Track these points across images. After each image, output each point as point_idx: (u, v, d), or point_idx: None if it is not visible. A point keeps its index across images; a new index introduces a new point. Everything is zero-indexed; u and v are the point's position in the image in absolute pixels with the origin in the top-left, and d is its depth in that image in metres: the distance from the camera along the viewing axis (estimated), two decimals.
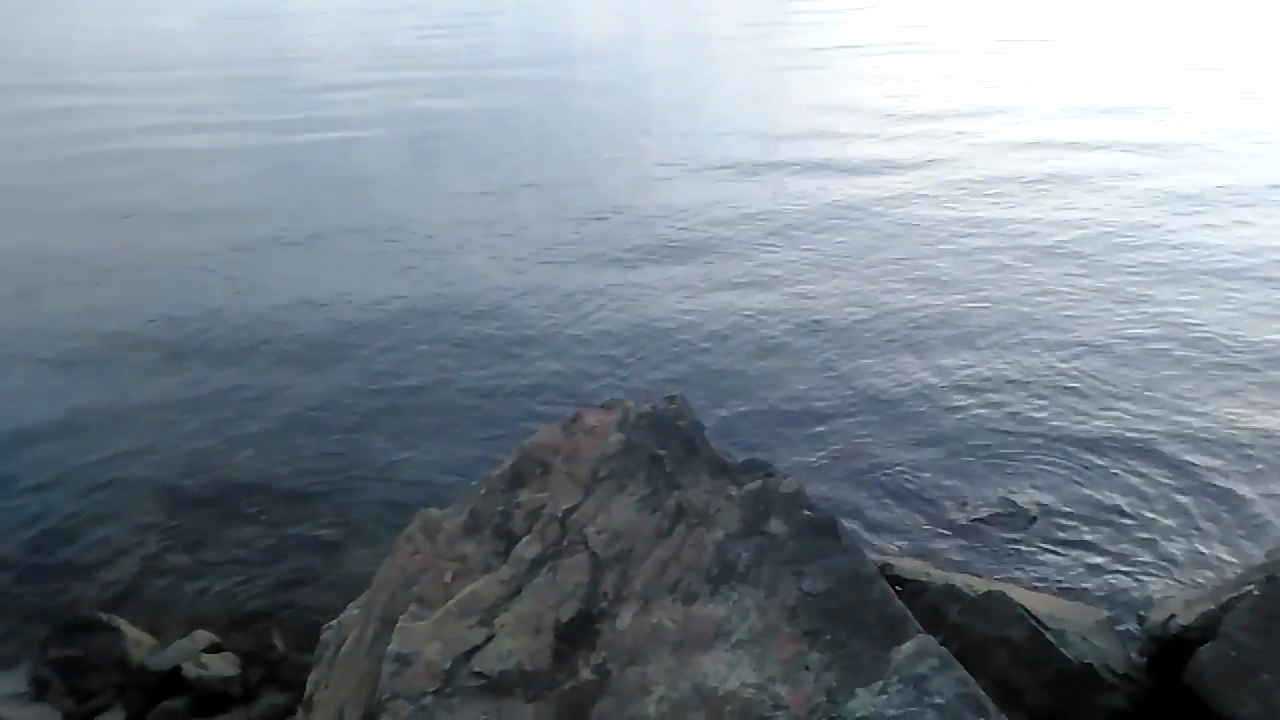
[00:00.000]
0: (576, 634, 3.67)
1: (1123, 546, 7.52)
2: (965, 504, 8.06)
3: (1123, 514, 7.88)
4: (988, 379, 10.12)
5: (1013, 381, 10.02)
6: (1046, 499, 8.11)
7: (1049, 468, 8.53)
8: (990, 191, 16.61)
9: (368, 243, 15.00)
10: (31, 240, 15.32)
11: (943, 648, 3.28)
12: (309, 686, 4.63)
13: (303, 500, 8.62)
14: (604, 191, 17.47)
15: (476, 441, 9.29)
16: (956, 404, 9.66)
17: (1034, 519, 7.89)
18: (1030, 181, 17.08)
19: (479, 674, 3.54)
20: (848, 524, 4.58)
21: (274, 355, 11.33)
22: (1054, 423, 9.23)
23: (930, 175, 17.76)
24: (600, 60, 32.08)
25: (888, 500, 8.12)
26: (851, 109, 23.53)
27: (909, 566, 6.22)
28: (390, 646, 3.71)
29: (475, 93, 26.46)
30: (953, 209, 15.81)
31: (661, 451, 4.22)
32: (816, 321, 11.68)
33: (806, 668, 3.30)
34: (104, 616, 7.02)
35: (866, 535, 7.54)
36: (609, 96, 25.82)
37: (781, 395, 9.93)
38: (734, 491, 3.94)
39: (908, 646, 3.29)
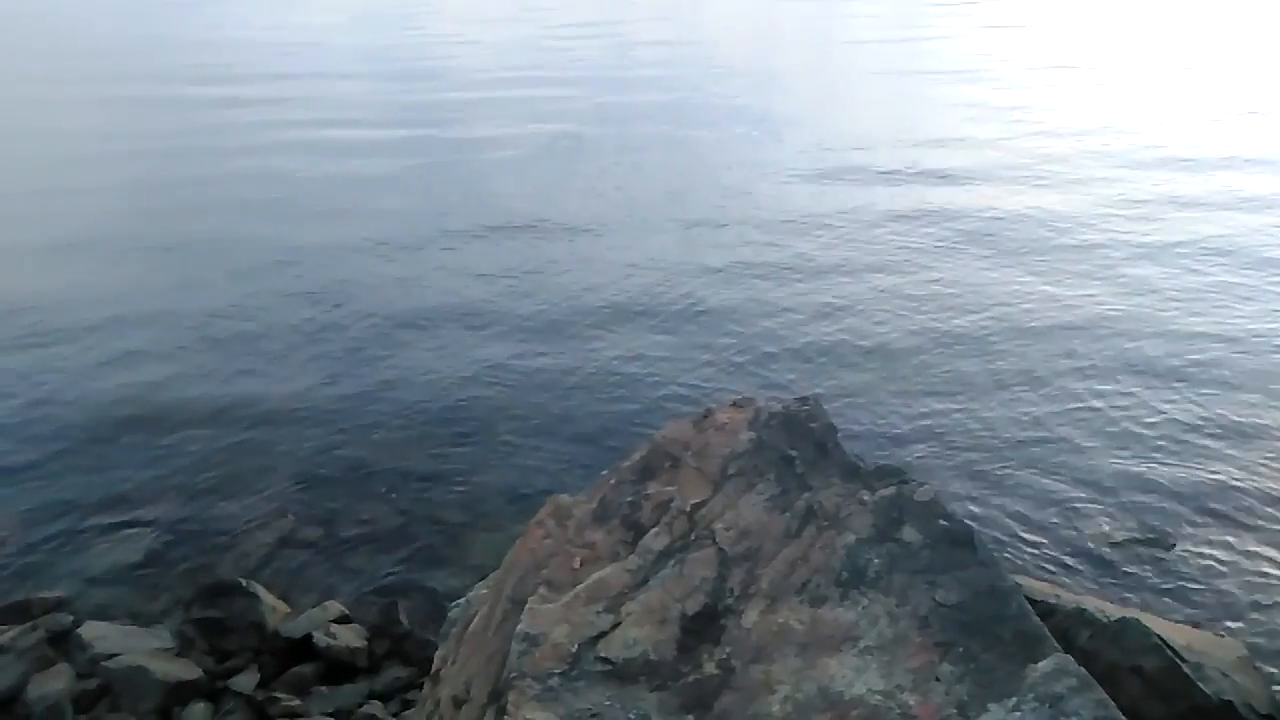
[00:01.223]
0: (701, 628, 3.68)
1: (1268, 580, 7.13)
2: (1101, 525, 7.77)
3: (1269, 546, 7.47)
4: (1133, 398, 9.73)
5: (1159, 403, 9.61)
6: (1188, 525, 7.75)
7: (1192, 494, 8.15)
8: (1138, 216, 15.94)
9: (498, 243, 15.31)
10: (184, 238, 16.05)
11: (1081, 668, 3.18)
12: (436, 661, 4.76)
13: (431, 484, 8.90)
14: (731, 199, 17.46)
15: (602, 434, 9.43)
16: (1097, 422, 9.31)
17: (1173, 545, 7.55)
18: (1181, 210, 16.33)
19: (604, 659, 3.59)
20: None
21: (408, 345, 11.71)
22: (1201, 447, 8.81)
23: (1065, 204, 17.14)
24: (732, 69, 31.69)
25: (1018, 517, 7.89)
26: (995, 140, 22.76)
27: (1037, 587, 6.04)
28: (519, 626, 3.78)
29: (608, 97, 26.56)
30: (1097, 229, 15.24)
31: (793, 452, 4.20)
32: (947, 332, 11.44)
33: (937, 679, 3.24)
34: (244, 582, 7.38)
35: (994, 551, 7.34)
36: (740, 107, 25.58)
37: (912, 404, 9.77)
38: (866, 497, 3.90)
39: (1044, 664, 3.20)
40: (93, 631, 7.08)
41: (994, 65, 30.92)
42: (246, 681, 6.68)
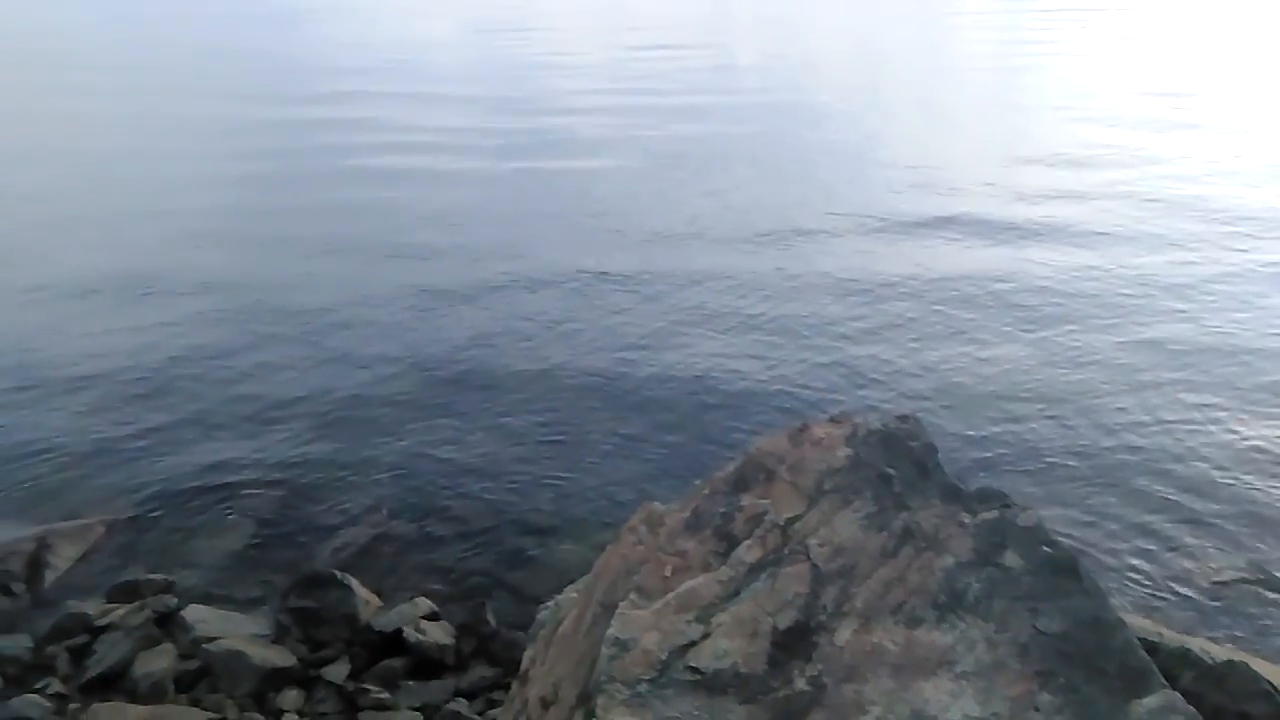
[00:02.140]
0: (793, 643, 3.66)
1: None
2: (1210, 564, 7.46)
3: None
4: (1246, 431, 9.33)
5: (1274, 437, 9.19)
6: None
7: None
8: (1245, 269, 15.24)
9: (588, 258, 15.33)
10: (285, 255, 16.28)
11: (1190, 707, 3.06)
12: (525, 661, 4.82)
13: (524, 486, 9.02)
14: (830, 222, 17.29)
15: (695, 444, 9.46)
16: (1207, 453, 8.95)
17: None
18: None
19: (694, 669, 3.58)
20: None
21: (504, 352, 11.87)
22: None
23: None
24: (833, 88, 30.73)
25: (1121, 548, 7.63)
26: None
27: (1139, 623, 5.82)
28: (609, 631, 3.80)
29: (706, 119, 26.11)
30: (1207, 283, 14.67)
31: (891, 471, 4.14)
32: (1048, 356, 11.14)
33: (1036, 708, 3.16)
34: (339, 574, 7.57)
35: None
36: (840, 127, 25.02)
37: (1012, 427, 9.55)
38: (967, 519, 3.82)
39: (1150, 700, 3.09)
40: (196, 614, 7.36)
41: (1102, 93, 29.70)
42: (338, 672, 6.85)
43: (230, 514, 8.85)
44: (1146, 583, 7.30)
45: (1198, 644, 5.55)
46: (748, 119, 26.41)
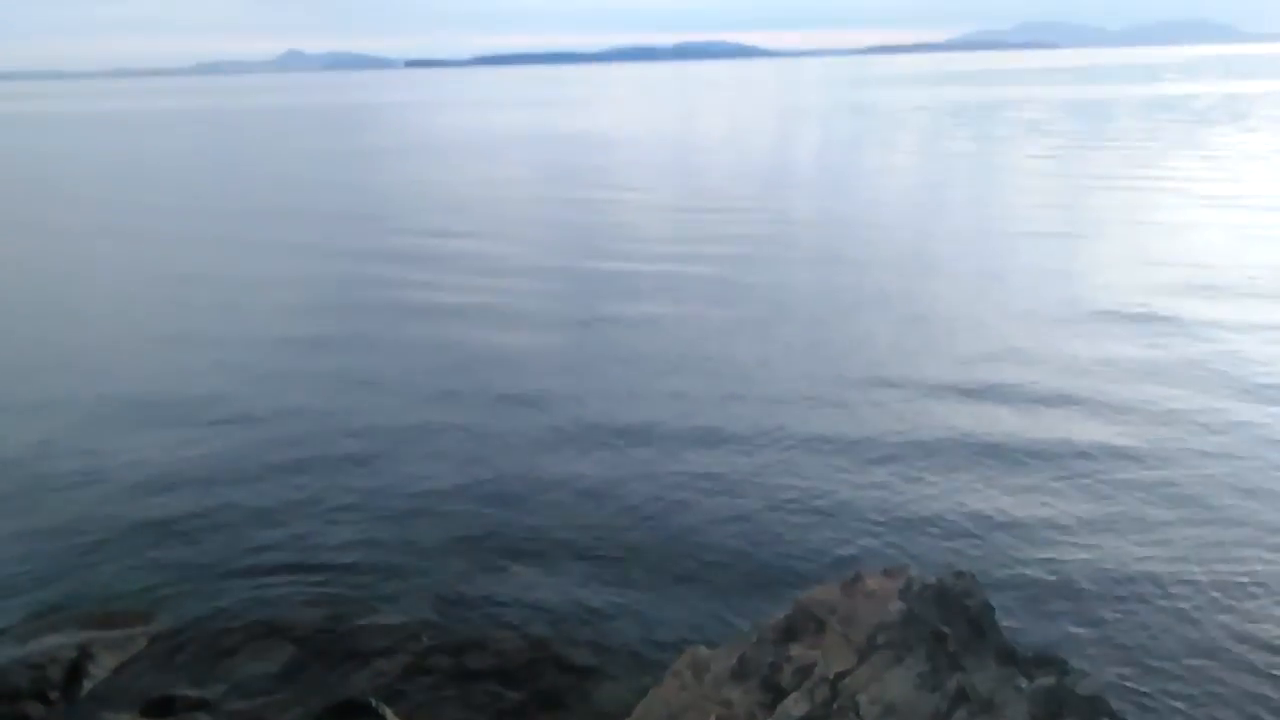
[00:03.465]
0: None
1: None
2: None
3: None
4: None
5: None
6: None
7: None
8: None
9: (642, 402, 15.30)
10: (353, 386, 16.58)
11: None
12: None
13: (565, 622, 8.91)
14: (890, 364, 17.28)
15: (740, 589, 9.30)
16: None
17: None
18: None
19: None
20: None
21: (548, 490, 11.90)
22: None
23: None
24: (888, 262, 28.72)
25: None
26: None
27: None
28: None
29: (756, 300, 24.61)
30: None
31: (945, 629, 4.04)
32: (1114, 527, 10.79)
33: None
34: (373, 702, 7.46)
35: None
36: (886, 306, 23.65)
37: (1072, 592, 9.25)
38: (1024, 684, 3.70)
39: None
40: None
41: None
42: None
43: (272, 633, 8.83)
44: None
45: None
46: (796, 295, 24.77)
